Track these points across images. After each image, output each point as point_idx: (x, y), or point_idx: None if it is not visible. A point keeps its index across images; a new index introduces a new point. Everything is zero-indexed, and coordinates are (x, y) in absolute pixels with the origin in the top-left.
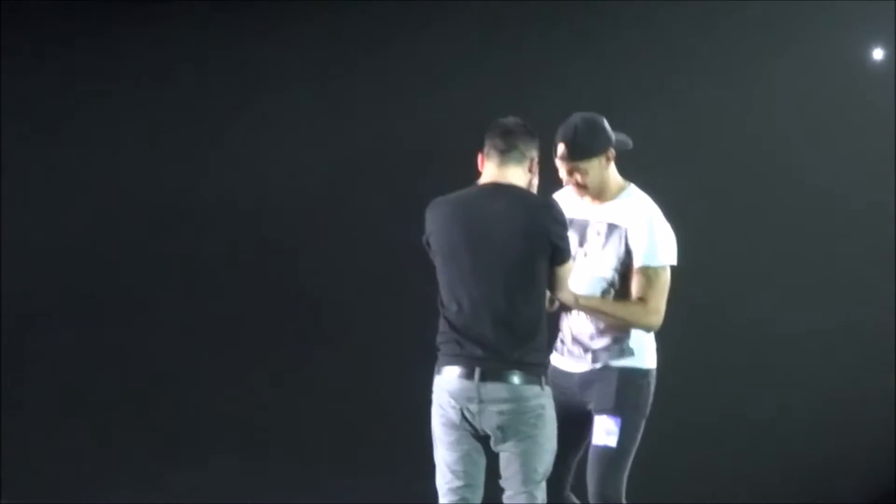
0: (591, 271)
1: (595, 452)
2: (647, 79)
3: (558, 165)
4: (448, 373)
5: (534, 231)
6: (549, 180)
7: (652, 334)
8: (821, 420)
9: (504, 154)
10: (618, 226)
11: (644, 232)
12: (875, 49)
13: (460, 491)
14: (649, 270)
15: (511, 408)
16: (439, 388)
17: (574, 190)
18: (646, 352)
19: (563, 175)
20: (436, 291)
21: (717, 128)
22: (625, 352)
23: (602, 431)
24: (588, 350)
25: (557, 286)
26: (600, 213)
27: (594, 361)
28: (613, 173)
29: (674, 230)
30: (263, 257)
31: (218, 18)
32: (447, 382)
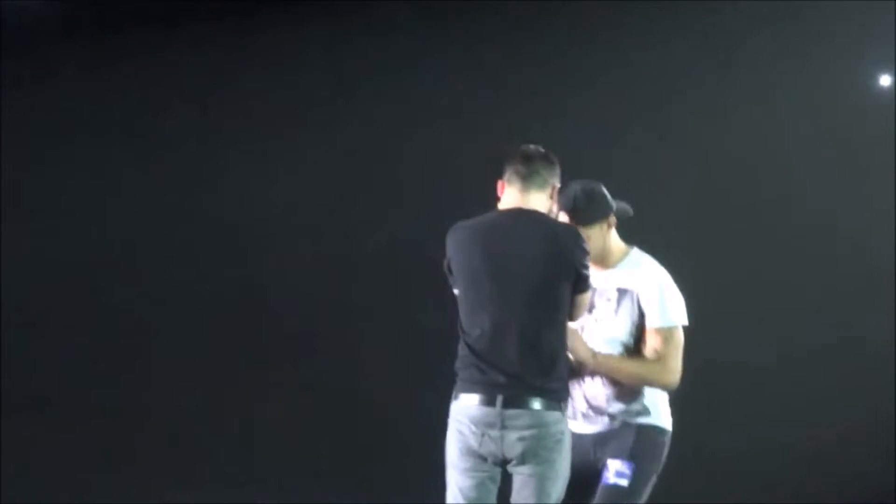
0: (606, 335)
1: (604, 490)
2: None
3: None
4: (468, 399)
5: (558, 257)
6: None
7: (665, 395)
8: (821, 420)
9: (526, 180)
10: (628, 290)
11: (655, 294)
12: (878, 72)
13: None
14: (664, 331)
15: (533, 433)
16: (459, 414)
17: None
18: (662, 412)
19: None
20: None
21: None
22: (641, 412)
23: (613, 472)
24: (604, 413)
25: (575, 314)
26: (607, 280)
27: (611, 421)
28: (615, 239)
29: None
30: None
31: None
32: (468, 408)
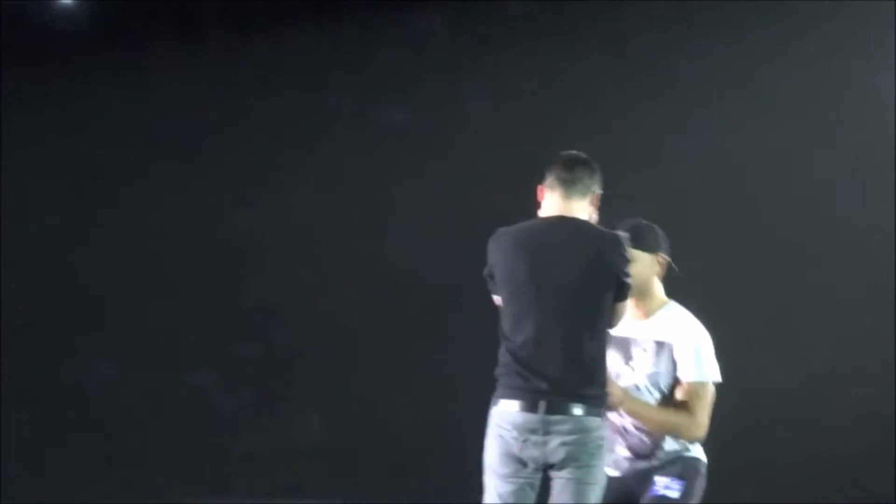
0: (641, 386)
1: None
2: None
3: None
4: (509, 405)
5: (600, 265)
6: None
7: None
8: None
9: (569, 186)
10: (664, 342)
11: (691, 348)
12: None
13: None
14: (696, 385)
15: (575, 439)
16: (500, 419)
17: None
18: (700, 449)
19: None
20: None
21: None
22: (682, 450)
23: (662, 486)
24: (647, 458)
25: (615, 321)
26: (644, 331)
27: (653, 459)
28: (658, 289)
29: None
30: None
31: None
32: (510, 414)
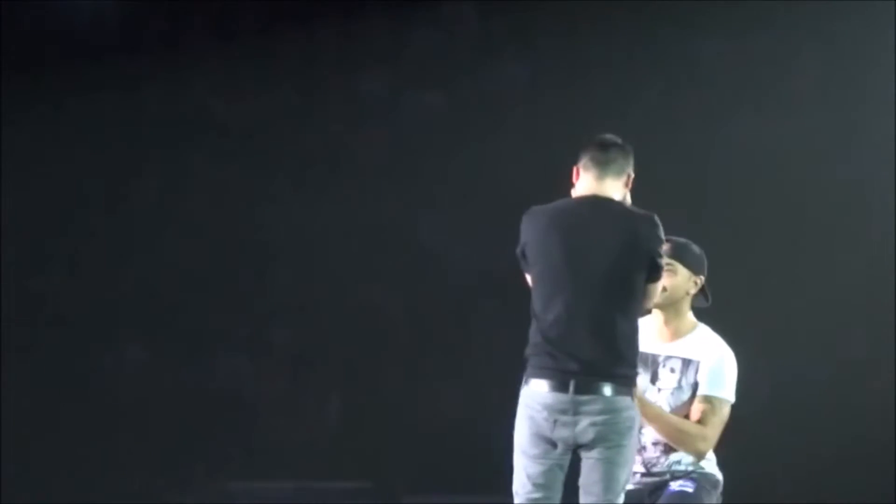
0: (666, 405)
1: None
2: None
3: None
4: (540, 385)
5: (635, 245)
6: None
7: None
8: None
9: (603, 167)
10: (692, 360)
11: (716, 365)
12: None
13: (540, 501)
14: (715, 400)
15: (605, 419)
16: (530, 400)
17: None
18: (713, 465)
19: None
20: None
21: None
22: (697, 465)
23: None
24: (658, 474)
25: (648, 303)
26: (672, 349)
27: (665, 475)
28: (690, 311)
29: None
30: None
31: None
32: (540, 394)
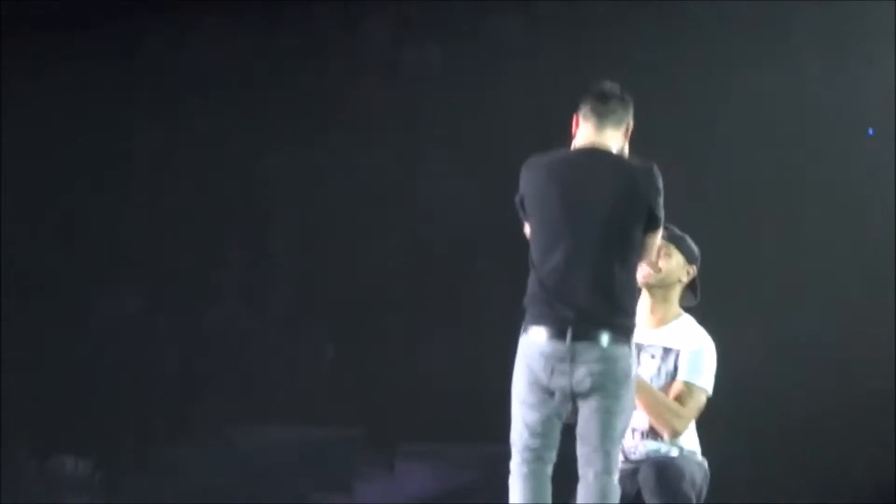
0: None
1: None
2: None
3: None
4: (537, 333)
5: (633, 196)
6: None
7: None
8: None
9: (602, 118)
10: (672, 349)
11: (696, 354)
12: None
13: (538, 450)
14: (693, 386)
15: (601, 368)
16: (528, 348)
17: (643, 272)
18: (698, 449)
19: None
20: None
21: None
22: (676, 446)
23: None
24: (636, 461)
25: (645, 254)
26: (655, 337)
27: (641, 463)
28: (676, 301)
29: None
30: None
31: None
32: (537, 343)
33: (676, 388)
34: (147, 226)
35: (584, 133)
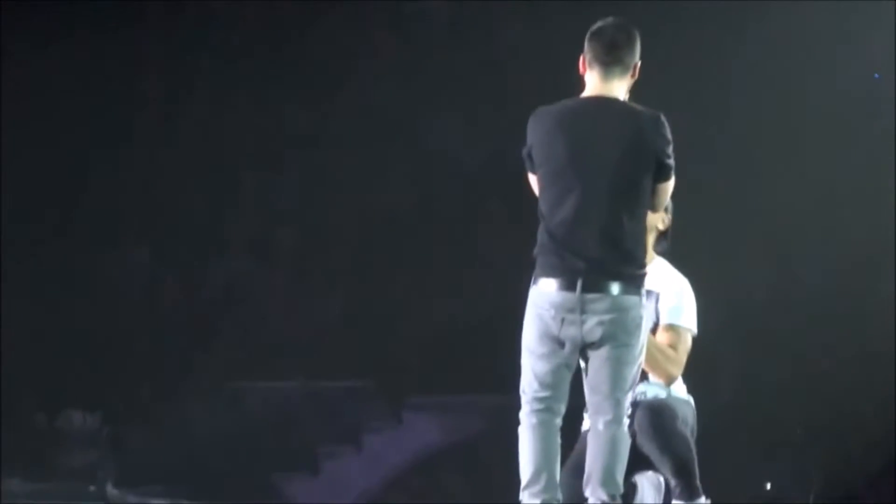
0: None
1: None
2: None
3: None
4: (548, 285)
5: (641, 146)
6: None
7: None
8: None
9: (608, 66)
10: (651, 291)
11: (675, 295)
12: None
13: (547, 400)
14: (679, 329)
15: (612, 318)
16: (539, 299)
17: None
18: (686, 393)
19: None
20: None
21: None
22: (665, 388)
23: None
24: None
25: (656, 203)
26: None
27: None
28: (651, 247)
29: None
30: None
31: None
32: (548, 294)
33: (664, 333)
34: (153, 178)
35: (591, 82)
